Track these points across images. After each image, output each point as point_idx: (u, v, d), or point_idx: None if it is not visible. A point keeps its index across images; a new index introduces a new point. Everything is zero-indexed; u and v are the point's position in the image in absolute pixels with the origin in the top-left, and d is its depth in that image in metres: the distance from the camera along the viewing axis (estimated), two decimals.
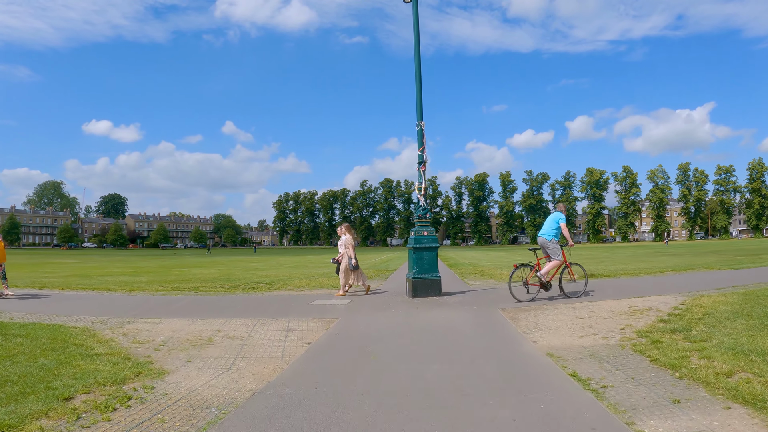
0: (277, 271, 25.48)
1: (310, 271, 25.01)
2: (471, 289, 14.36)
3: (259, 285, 16.56)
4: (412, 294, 11.97)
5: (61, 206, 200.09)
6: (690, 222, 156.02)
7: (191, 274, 23.78)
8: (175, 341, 7.43)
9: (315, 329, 8.40)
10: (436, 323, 8.89)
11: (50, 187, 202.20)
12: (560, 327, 8.20)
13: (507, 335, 7.76)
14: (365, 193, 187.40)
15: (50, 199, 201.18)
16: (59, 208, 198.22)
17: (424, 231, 12.22)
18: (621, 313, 9.23)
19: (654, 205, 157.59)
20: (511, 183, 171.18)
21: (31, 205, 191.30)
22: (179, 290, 15.17)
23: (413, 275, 12.03)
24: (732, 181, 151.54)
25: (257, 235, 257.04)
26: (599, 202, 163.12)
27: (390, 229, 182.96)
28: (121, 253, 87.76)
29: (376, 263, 35.44)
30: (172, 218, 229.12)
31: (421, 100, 12.45)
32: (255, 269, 28.70)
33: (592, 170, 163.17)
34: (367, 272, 23.56)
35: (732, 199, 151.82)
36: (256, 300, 12.54)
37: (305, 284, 16.80)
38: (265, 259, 47.15)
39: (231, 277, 21.46)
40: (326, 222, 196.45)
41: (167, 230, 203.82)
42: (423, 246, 12.05)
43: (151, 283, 18.12)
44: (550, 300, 11.42)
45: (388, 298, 12.57)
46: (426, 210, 12.62)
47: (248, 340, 7.48)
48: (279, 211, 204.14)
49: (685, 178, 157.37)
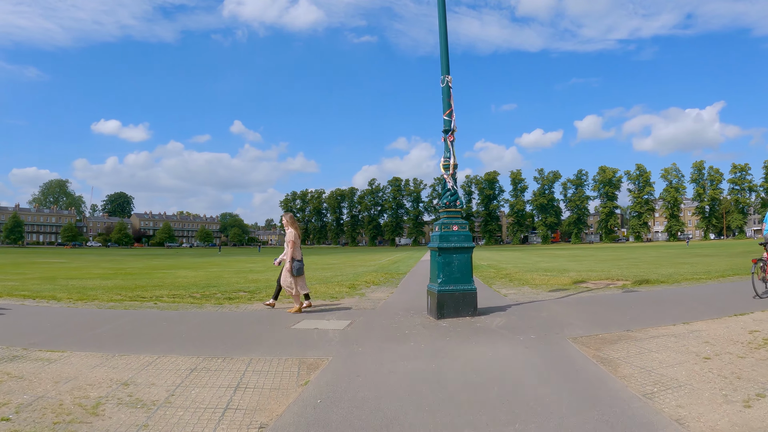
0: (272, 274, 22.37)
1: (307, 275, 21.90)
2: (511, 303, 11.05)
3: (239, 294, 13.40)
4: (437, 313, 8.70)
5: (66, 205, 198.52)
6: (704, 221, 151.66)
7: (172, 278, 20.71)
8: (39, 408, 4.29)
9: (284, 384, 5.22)
10: (485, 372, 5.58)
11: (55, 186, 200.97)
12: (690, 378, 5.00)
13: (616, 402, 4.50)
14: (373, 192, 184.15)
15: (55, 197, 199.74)
16: (64, 207, 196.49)
17: (453, 225, 8.94)
18: (749, 345, 6.20)
19: (668, 204, 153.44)
20: (521, 182, 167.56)
21: (36, 203, 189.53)
22: (137, 300, 12.05)
23: (439, 287, 8.76)
24: (747, 180, 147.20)
25: (264, 234, 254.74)
26: (612, 201, 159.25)
27: (399, 229, 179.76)
28: (121, 253, 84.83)
29: (385, 264, 32.30)
30: (178, 217, 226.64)
31: (446, 48, 9.14)
32: (248, 271, 25.64)
33: (604, 168, 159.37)
34: (374, 276, 20.40)
35: (748, 198, 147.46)
36: (220, 320, 9.32)
37: None
38: (265, 260, 44.07)
39: (214, 281, 18.35)
40: (334, 221, 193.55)
41: (172, 229, 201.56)
42: (452, 246, 8.79)
43: (113, 289, 15.00)
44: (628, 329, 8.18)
45: (404, 319, 9.02)
46: (455, 195, 9.21)
47: (158, 415, 4.29)
48: (286, 210, 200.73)
49: (699, 177, 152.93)
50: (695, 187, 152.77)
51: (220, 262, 38.91)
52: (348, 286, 15.70)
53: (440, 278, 8.74)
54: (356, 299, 12.24)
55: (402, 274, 22.38)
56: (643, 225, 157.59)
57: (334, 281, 17.65)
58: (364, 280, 18.16)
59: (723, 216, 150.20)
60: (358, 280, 18.49)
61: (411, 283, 17.23)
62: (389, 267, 28.60)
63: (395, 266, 29.43)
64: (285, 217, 10.69)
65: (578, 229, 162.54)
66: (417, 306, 10.49)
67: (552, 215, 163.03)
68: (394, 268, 27.66)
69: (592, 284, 15.05)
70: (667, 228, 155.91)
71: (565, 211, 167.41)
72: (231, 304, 11.44)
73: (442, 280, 8.71)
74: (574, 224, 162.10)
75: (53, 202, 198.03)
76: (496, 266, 27.74)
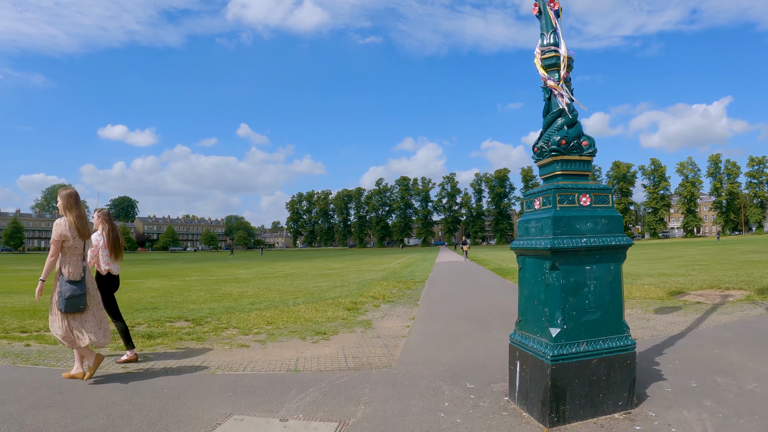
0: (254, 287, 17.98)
1: (296, 286, 17.49)
2: (657, 346, 6.31)
3: (170, 329, 8.73)
4: (550, 409, 3.74)
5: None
6: (722, 216, 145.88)
7: (132, 289, 16.28)
8: None
9: None
10: None
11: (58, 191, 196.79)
12: None
13: None
14: (381, 192, 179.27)
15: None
16: None
17: (581, 194, 4.03)
18: None
19: (684, 199, 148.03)
20: (533, 179, 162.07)
21: (38, 209, 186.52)
22: (9, 338, 7.70)
23: (554, 348, 3.77)
24: (766, 173, 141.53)
25: (271, 236, 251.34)
26: (626, 197, 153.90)
27: (407, 229, 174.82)
28: (133, 258, 79.76)
29: (396, 269, 27.72)
30: (183, 221, 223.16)
31: None
32: (232, 280, 21.26)
33: (618, 164, 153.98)
34: (384, 286, 15.80)
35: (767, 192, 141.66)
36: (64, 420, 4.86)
37: (265, 322, 9.13)
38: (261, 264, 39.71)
39: (166, 298, 13.85)
40: (341, 222, 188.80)
41: (176, 233, 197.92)
42: (584, 246, 3.87)
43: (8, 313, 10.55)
44: None
45: (457, 412, 4.19)
46: (575, 124, 4.27)
47: None
48: (292, 212, 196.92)
49: (716, 171, 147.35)
50: (712, 182, 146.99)
51: (207, 269, 34.45)
52: (347, 306, 11.14)
53: (556, 323, 3.81)
54: (357, 335, 7.72)
55: (419, 282, 17.89)
56: (659, 221, 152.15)
57: (328, 297, 13.12)
58: (371, 294, 13.65)
59: (741, 210, 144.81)
60: (363, 293, 13.98)
61: (437, 299, 12.70)
62: (401, 272, 24.12)
63: (408, 271, 24.94)
64: (97, 213, 6.54)
65: None
66: (470, 362, 5.84)
67: None
68: (408, 273, 23.16)
69: (699, 296, 10.57)
70: (683, 224, 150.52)
71: None
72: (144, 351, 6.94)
73: (562, 328, 3.79)
74: None
75: (56, 207, 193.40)
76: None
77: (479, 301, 11.85)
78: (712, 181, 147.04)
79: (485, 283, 17.19)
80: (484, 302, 11.62)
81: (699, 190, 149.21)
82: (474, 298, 12.58)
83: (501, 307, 10.50)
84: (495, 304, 11.03)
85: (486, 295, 13.45)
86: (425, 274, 22.39)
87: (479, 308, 10.49)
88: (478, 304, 11.18)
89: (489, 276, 20.16)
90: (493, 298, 12.42)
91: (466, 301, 12.13)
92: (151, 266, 40.47)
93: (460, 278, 19.82)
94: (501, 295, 12.99)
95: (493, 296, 13.00)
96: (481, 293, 13.87)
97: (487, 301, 11.95)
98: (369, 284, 17.21)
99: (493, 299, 12.23)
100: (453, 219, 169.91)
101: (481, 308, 10.48)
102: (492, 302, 11.55)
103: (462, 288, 15.70)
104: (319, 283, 18.52)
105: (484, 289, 14.94)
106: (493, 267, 25.60)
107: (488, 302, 11.59)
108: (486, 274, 21.41)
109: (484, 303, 11.46)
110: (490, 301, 11.76)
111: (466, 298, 12.86)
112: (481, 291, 14.53)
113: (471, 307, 10.68)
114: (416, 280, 19.05)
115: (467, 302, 11.77)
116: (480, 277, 20.06)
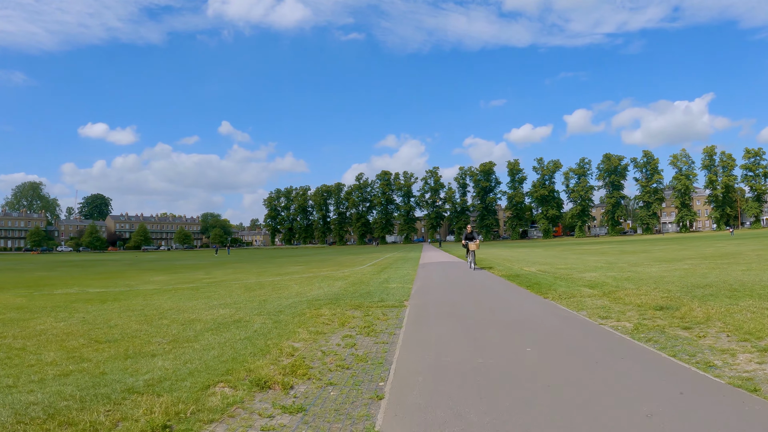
0: (208, 315, 10.16)
1: (148, 325, 9.60)
2: None
3: None
4: None
5: (40, 208, 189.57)
6: (717, 210, 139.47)
7: None
8: None
9: None
10: None
11: (28, 189, 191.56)
12: None
13: None
14: (361, 187, 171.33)
15: (29, 201, 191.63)
16: (38, 210, 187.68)
17: None
18: None
19: (678, 193, 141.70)
20: (519, 172, 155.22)
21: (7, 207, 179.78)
22: None
23: None
24: (762, 165, 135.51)
25: (249, 235, 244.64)
26: (618, 190, 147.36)
27: (389, 226, 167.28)
28: (76, 258, 71.45)
29: (366, 276, 19.85)
30: (157, 219, 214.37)
31: None
32: (81, 301, 13.39)
33: (609, 156, 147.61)
34: (324, 320, 7.63)
35: (763, 184, 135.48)
36: None
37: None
38: (194, 270, 31.72)
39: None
40: (320, 219, 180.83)
41: (148, 231, 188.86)
42: None
43: None
44: None
45: None
46: None
47: None
48: (270, 209, 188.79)
49: (711, 164, 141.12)
50: (707, 174, 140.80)
51: (113, 275, 26.19)
52: None
53: None
54: None
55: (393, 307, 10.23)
56: (652, 216, 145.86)
57: (134, 388, 5.27)
58: (271, 359, 5.96)
59: (738, 204, 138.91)
60: (250, 358, 6.24)
61: (435, 369, 5.00)
62: (369, 284, 16.28)
63: (380, 281, 17.08)
64: None
65: (582, 222, 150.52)
66: None
67: (553, 207, 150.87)
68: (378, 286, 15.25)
69: None
70: (678, 218, 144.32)
71: (567, 203, 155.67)
72: None
73: None
74: (578, 216, 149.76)
75: (27, 205, 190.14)
76: (549, 272, 15.96)
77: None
78: (707, 174, 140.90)
79: (526, 314, 9.47)
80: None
81: (693, 184, 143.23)
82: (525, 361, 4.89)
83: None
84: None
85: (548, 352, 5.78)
86: (407, 285, 14.65)
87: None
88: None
89: (520, 295, 12.43)
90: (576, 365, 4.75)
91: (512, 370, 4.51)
92: (38, 273, 31.94)
93: (468, 296, 12.19)
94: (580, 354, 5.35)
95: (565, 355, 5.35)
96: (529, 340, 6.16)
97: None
98: (296, 319, 9.43)
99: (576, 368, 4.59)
100: (436, 215, 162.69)
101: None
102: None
103: (483, 326, 8.10)
104: (214, 312, 10.68)
105: (531, 330, 7.25)
106: (505, 273, 17.98)
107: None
108: (510, 289, 13.70)
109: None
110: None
111: (504, 356, 5.23)
112: (526, 333, 6.81)
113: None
114: (388, 303, 11.30)
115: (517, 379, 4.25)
116: (506, 296, 12.29)
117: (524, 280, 15.59)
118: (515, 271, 19.57)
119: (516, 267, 21.76)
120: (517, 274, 17.59)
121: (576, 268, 19.62)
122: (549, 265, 22.65)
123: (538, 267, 21.06)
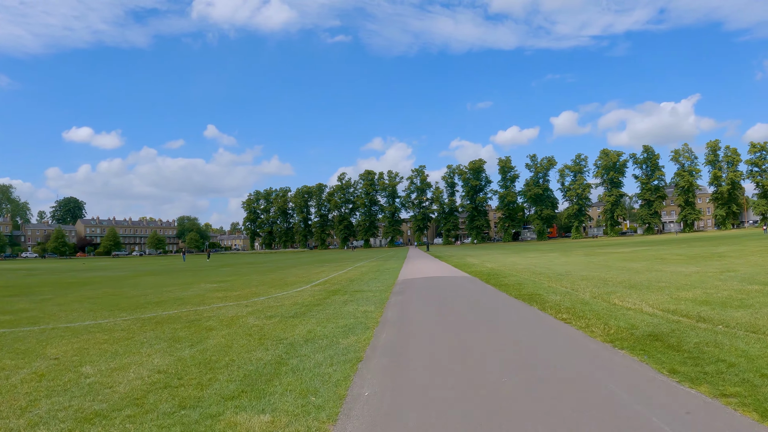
0: None
1: None
2: None
3: None
4: None
5: (9, 212, 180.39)
6: (723, 208, 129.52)
7: None
8: None
9: None
10: None
11: None
12: None
13: None
14: (344, 188, 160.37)
15: None
16: (6, 214, 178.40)
17: None
18: None
19: (681, 190, 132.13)
20: (511, 170, 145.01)
21: None
22: None
23: None
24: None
25: (229, 239, 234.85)
26: (617, 188, 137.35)
27: (373, 228, 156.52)
28: (28, 265, 60.43)
29: (305, 306, 9.77)
30: (129, 222, 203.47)
31: None
32: None
33: (607, 152, 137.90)
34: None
35: None
36: None
37: None
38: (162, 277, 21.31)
39: None
40: (301, 222, 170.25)
41: (118, 236, 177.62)
42: None
43: None
44: None
45: None
46: None
47: None
48: (249, 212, 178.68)
49: (714, 159, 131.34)
50: (711, 170, 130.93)
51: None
52: None
53: None
54: None
55: None
56: (654, 214, 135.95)
57: None
58: None
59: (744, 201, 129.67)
60: None
61: None
62: (317, 334, 5.94)
63: (339, 326, 6.88)
64: None
65: (579, 222, 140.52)
66: None
67: (548, 207, 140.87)
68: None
69: None
70: (681, 217, 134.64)
71: (562, 202, 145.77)
72: None
73: None
74: (575, 216, 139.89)
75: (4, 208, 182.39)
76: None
77: None
78: (712, 170, 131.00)
79: None
80: None
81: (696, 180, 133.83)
82: None
83: None
84: None
85: None
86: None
87: None
88: None
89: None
90: None
91: None
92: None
93: None
94: None
95: None
96: None
97: None
98: None
99: None
100: (423, 216, 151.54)
101: None
102: None
103: None
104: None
105: None
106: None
107: None
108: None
109: None
110: None
111: None
112: None
113: None
114: None
115: None
116: None
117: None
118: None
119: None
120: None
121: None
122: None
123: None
